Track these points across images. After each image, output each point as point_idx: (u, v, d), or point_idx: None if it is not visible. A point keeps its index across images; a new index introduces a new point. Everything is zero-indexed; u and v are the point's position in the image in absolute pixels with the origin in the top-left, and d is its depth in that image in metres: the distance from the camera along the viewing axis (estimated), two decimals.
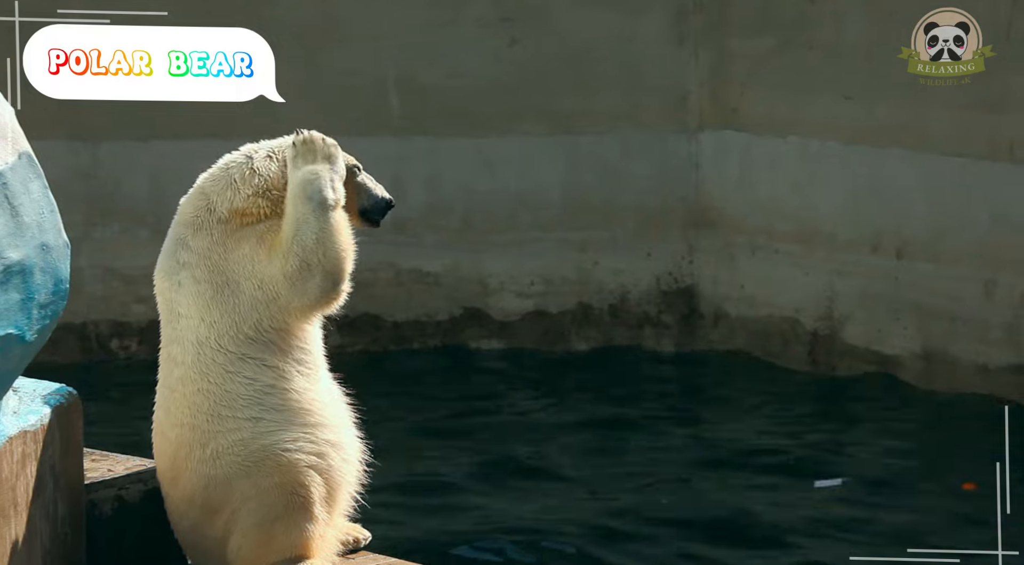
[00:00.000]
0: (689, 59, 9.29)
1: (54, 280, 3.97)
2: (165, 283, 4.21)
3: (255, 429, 4.17)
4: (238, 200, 4.18)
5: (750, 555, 6.57)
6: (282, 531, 4.17)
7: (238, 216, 4.18)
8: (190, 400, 4.19)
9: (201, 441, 4.19)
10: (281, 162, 4.22)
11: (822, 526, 6.85)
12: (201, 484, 4.19)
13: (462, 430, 8.25)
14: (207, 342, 4.16)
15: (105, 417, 7.94)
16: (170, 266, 4.21)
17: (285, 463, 4.15)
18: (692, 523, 6.89)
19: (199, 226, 4.18)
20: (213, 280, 4.15)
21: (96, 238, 9.31)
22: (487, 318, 9.46)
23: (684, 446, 7.98)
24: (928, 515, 6.85)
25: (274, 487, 4.14)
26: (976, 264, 8.25)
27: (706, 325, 9.36)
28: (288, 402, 4.20)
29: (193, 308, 4.17)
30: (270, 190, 4.19)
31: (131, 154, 9.28)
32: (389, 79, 9.36)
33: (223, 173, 4.24)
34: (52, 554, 4.15)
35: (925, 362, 8.49)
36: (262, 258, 4.14)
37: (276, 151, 4.24)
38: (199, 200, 4.22)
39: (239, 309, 4.14)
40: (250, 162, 4.23)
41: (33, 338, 3.92)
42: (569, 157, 9.40)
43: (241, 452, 4.16)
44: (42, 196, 3.98)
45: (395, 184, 9.62)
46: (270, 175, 4.20)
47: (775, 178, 9.06)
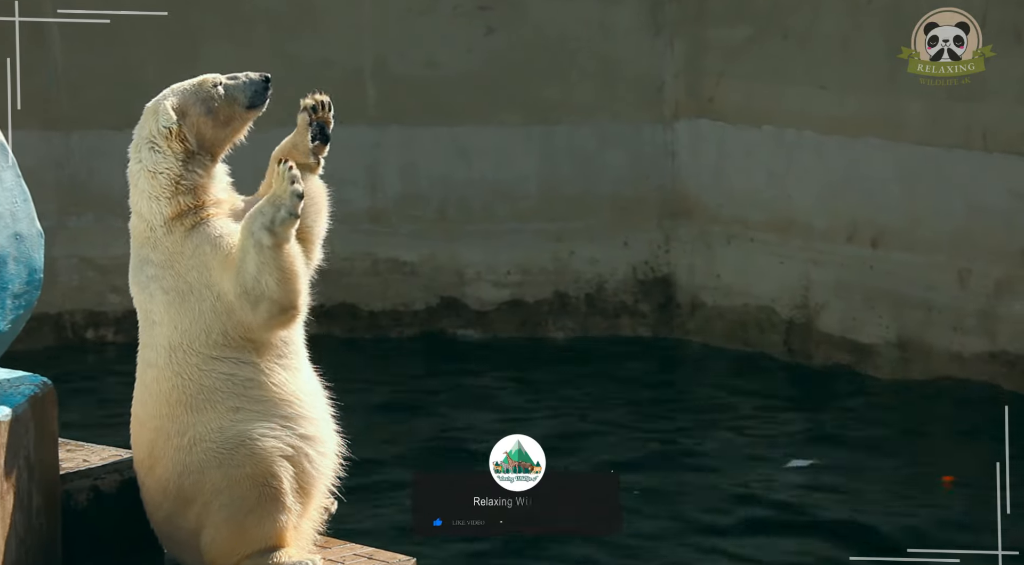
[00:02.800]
0: (665, 49, 9.29)
1: (28, 270, 3.95)
2: (140, 295, 4.25)
3: (234, 418, 4.17)
4: (165, 209, 4.19)
5: (727, 548, 6.58)
6: (254, 523, 4.17)
7: (176, 221, 4.18)
8: (167, 395, 4.20)
9: (180, 430, 4.19)
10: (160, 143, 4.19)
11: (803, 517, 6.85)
12: (176, 471, 4.19)
13: (438, 419, 8.25)
14: (180, 346, 4.18)
15: (80, 407, 7.91)
16: (141, 281, 4.24)
17: (258, 452, 4.15)
18: (664, 515, 6.90)
19: (153, 244, 4.20)
20: (179, 288, 4.17)
21: (70, 227, 9.27)
22: (464, 308, 9.46)
23: (660, 435, 8.00)
24: (914, 511, 6.86)
25: (245, 478, 4.14)
26: (951, 253, 8.29)
27: (683, 314, 9.38)
28: (268, 394, 4.20)
29: (165, 316, 4.19)
30: (179, 182, 4.18)
31: (104, 143, 9.23)
32: (365, 68, 9.34)
33: (136, 190, 4.24)
34: (27, 544, 4.13)
35: (900, 350, 8.52)
36: (217, 270, 4.14)
37: (155, 135, 4.21)
38: (139, 221, 4.25)
39: (204, 316, 4.16)
40: (143, 165, 4.21)
41: (7, 328, 3.90)
42: (545, 147, 9.40)
43: (217, 439, 4.16)
44: (15, 185, 3.96)
45: (371, 173, 9.62)
46: (167, 169, 4.19)
47: (751, 167, 9.08)
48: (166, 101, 4.20)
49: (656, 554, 6.51)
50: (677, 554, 6.55)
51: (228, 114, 4.24)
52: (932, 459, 7.48)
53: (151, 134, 4.21)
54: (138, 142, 4.25)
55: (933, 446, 7.71)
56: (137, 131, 4.26)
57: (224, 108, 4.23)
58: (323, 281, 4.55)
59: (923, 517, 6.73)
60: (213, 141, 4.24)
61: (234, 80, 4.28)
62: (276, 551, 4.21)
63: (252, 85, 4.27)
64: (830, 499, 7.01)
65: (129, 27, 9.04)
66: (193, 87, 4.24)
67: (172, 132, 4.17)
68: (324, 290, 4.41)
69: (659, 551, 6.55)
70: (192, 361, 4.17)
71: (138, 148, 4.24)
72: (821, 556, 6.43)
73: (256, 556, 4.19)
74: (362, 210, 9.36)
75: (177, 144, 4.18)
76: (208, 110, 4.21)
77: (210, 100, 4.22)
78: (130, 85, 9.19)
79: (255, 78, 4.28)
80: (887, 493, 7.06)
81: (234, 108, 4.25)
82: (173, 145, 4.18)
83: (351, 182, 9.27)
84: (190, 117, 4.21)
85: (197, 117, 4.21)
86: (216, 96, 4.23)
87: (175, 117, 4.17)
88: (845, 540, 6.53)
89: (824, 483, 7.21)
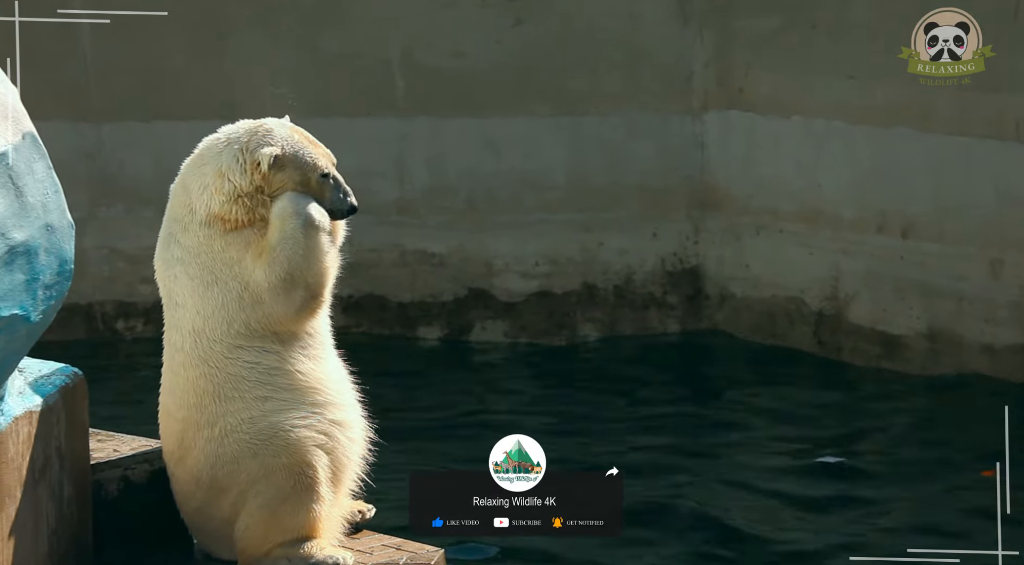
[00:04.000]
0: (694, 39, 9.26)
1: (59, 261, 3.97)
2: (164, 272, 4.27)
3: (264, 407, 4.19)
4: (214, 205, 4.20)
5: (744, 545, 6.56)
6: (289, 512, 4.19)
7: (218, 220, 4.20)
8: (194, 383, 4.21)
9: (209, 421, 4.21)
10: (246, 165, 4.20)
11: (821, 515, 6.83)
12: (208, 463, 4.21)
13: (466, 411, 8.26)
14: (203, 332, 4.20)
15: (111, 397, 7.96)
16: (166, 258, 4.26)
17: (293, 442, 4.17)
18: (687, 510, 6.88)
19: (185, 226, 4.22)
20: (203, 278, 4.19)
21: (101, 219, 9.31)
22: (492, 299, 9.46)
23: (687, 427, 7.98)
24: (930, 506, 6.83)
25: (281, 468, 4.17)
26: (982, 243, 8.24)
27: (711, 305, 9.35)
28: (295, 382, 4.22)
29: (189, 299, 4.21)
30: (241, 197, 4.20)
31: (135, 135, 9.27)
32: (393, 60, 9.35)
33: (199, 170, 4.24)
34: (58, 534, 4.16)
35: (931, 342, 8.48)
36: (248, 263, 4.16)
37: (243, 152, 4.21)
38: (183, 196, 4.25)
39: (228, 307, 4.18)
40: (220, 160, 4.22)
41: (38, 319, 3.92)
42: (573, 138, 9.38)
43: (249, 430, 4.18)
44: (46, 177, 3.98)
45: (399, 165, 9.63)
46: (238, 183, 4.20)
47: (780, 158, 9.04)
48: (276, 147, 4.19)
49: (663, 550, 6.50)
50: (682, 549, 6.54)
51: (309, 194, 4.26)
52: (957, 453, 7.44)
53: (244, 150, 4.20)
54: (230, 139, 4.23)
55: (961, 439, 7.67)
56: (242, 129, 4.25)
57: (311, 191, 4.25)
58: (351, 273, 4.56)
59: (923, 517, 6.70)
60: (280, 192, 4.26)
61: (336, 186, 4.27)
62: (308, 541, 4.23)
63: (342, 203, 4.29)
64: (843, 496, 6.97)
65: (159, 19, 9.06)
66: (307, 158, 4.24)
67: (259, 170, 4.18)
68: (352, 282, 4.43)
69: (666, 547, 6.54)
70: (216, 349, 4.19)
71: (228, 142, 4.23)
72: (821, 556, 6.40)
73: (288, 545, 4.21)
74: (390, 201, 9.37)
75: (257, 177, 4.19)
76: (300, 181, 4.24)
77: (307, 181, 4.24)
78: (160, 77, 9.23)
79: (349, 202, 4.29)
80: (902, 490, 7.02)
81: (318, 202, 4.26)
82: (253, 176, 4.19)
83: (379, 174, 9.28)
84: (281, 174, 4.22)
85: (286, 180, 4.23)
86: (314, 181, 4.24)
87: (268, 165, 4.18)
88: (845, 540, 6.50)
89: (844, 479, 7.17)
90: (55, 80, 9.15)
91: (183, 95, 9.22)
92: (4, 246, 3.81)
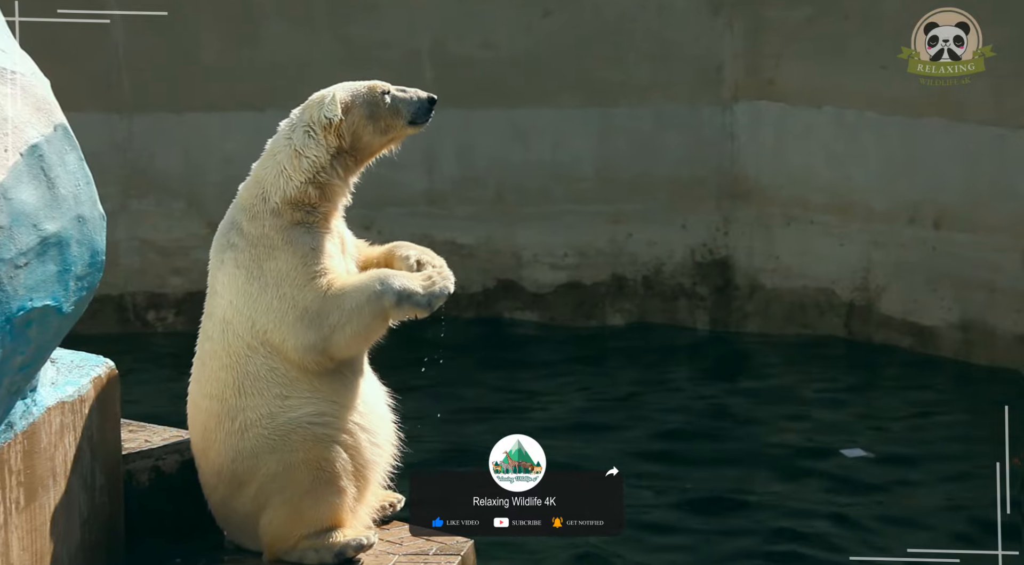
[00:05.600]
0: (724, 30, 9.22)
1: (90, 252, 3.98)
2: (213, 258, 4.28)
3: (284, 404, 4.19)
4: (291, 189, 4.22)
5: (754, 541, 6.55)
6: (310, 506, 4.20)
7: (290, 207, 4.20)
8: (216, 374, 4.23)
9: (230, 414, 4.22)
10: (318, 130, 4.23)
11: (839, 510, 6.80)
12: (229, 457, 4.22)
13: (495, 402, 8.26)
14: (231, 323, 4.21)
15: (143, 388, 7.99)
16: (221, 244, 4.27)
17: (311, 437, 4.17)
18: (704, 502, 6.86)
19: (254, 214, 4.22)
20: (250, 268, 4.19)
21: (132, 210, 9.35)
22: (521, 290, 9.45)
23: (716, 419, 7.96)
24: (930, 506, 6.80)
25: (300, 463, 4.17)
26: (1014, 234, 8.18)
27: (741, 297, 9.32)
28: (315, 385, 4.21)
29: (226, 289, 4.21)
30: (319, 173, 4.22)
31: (166, 127, 9.30)
32: (422, 50, 9.34)
33: (272, 160, 4.26)
34: (90, 523, 4.18)
35: (963, 333, 8.43)
36: (298, 280, 4.15)
37: (311, 124, 4.24)
38: (255, 187, 4.27)
39: (257, 307, 4.18)
40: (291, 143, 4.24)
41: (70, 310, 3.94)
42: (603, 129, 9.36)
43: (268, 426, 4.19)
44: (78, 168, 3.99)
45: (428, 156, 9.63)
46: (315, 156, 4.22)
47: (810, 149, 9.00)
48: (336, 94, 4.22)
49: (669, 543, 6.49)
50: (690, 540, 6.53)
51: (388, 124, 4.30)
52: (987, 447, 7.39)
53: (311, 120, 4.24)
54: (295, 123, 4.27)
55: (984, 433, 7.62)
56: (298, 113, 4.29)
57: (386, 117, 4.28)
58: None
59: (924, 517, 6.66)
60: (365, 146, 4.29)
61: (403, 93, 4.33)
62: (333, 531, 4.24)
63: (418, 102, 4.34)
64: (849, 493, 6.95)
65: (190, 10, 9.09)
66: (363, 89, 4.27)
67: (332, 125, 4.21)
68: None
69: (677, 536, 6.53)
70: (238, 344, 4.20)
71: (293, 128, 4.26)
72: (822, 554, 6.38)
73: (313, 537, 4.22)
74: (419, 193, 9.37)
75: (333, 138, 4.22)
76: (371, 115, 4.26)
77: (375, 106, 4.26)
78: (191, 69, 9.26)
79: (423, 97, 4.35)
80: (909, 487, 6.99)
81: (395, 120, 4.31)
82: (329, 137, 4.22)
83: (408, 165, 9.26)
84: (352, 116, 4.25)
85: (359, 118, 4.25)
86: (382, 103, 4.27)
87: (340, 112, 4.20)
88: (847, 538, 6.47)
89: (867, 473, 7.14)
90: (87, 72, 9.20)
91: (214, 87, 9.25)
92: (36, 237, 3.83)
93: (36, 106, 3.94)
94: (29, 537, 3.92)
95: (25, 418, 3.92)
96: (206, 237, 9.79)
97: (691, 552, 6.44)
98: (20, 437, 3.89)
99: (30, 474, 3.91)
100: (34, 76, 4.00)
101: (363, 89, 4.27)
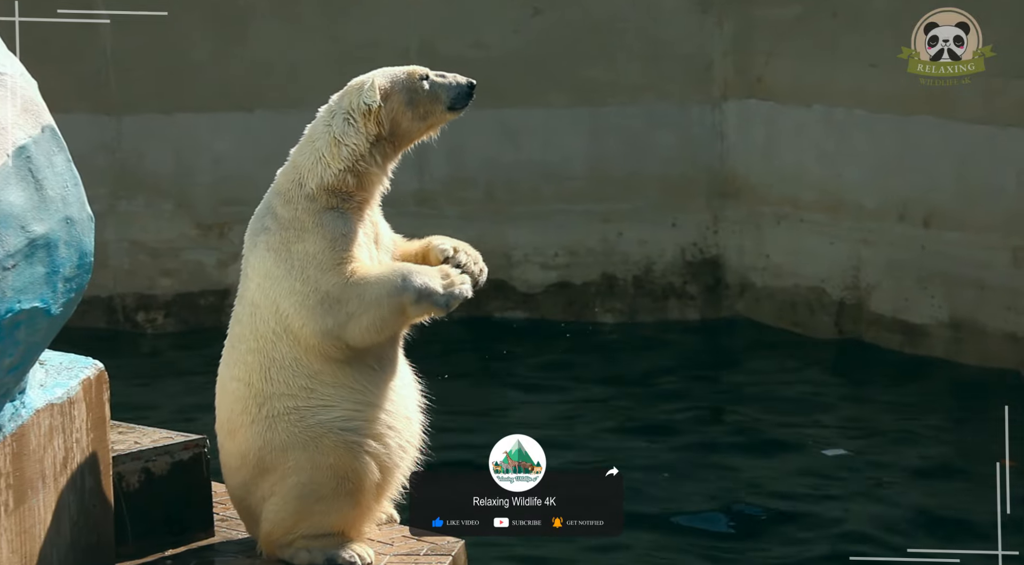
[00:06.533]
0: (713, 28, 9.22)
1: (79, 253, 3.97)
2: (247, 242, 4.28)
3: (309, 400, 4.17)
4: (328, 176, 4.21)
5: (746, 542, 6.55)
6: (322, 511, 4.18)
7: (325, 193, 4.19)
8: (244, 357, 4.22)
9: (256, 400, 4.20)
10: (358, 117, 4.21)
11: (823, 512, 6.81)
12: (257, 445, 4.20)
13: (485, 401, 8.26)
14: (259, 306, 4.19)
15: (132, 390, 7.98)
16: (255, 228, 4.27)
17: (341, 444, 4.14)
18: (694, 502, 6.87)
19: (289, 198, 4.21)
20: (279, 252, 4.18)
21: (121, 211, 9.33)
22: (511, 290, 9.45)
23: (707, 418, 7.97)
24: (930, 506, 6.80)
25: (328, 467, 4.15)
26: (1004, 232, 8.20)
27: (731, 295, 9.33)
28: (340, 379, 4.19)
29: (256, 272, 4.21)
30: (358, 161, 4.21)
31: (155, 127, 9.28)
32: (411, 49, 9.33)
33: (310, 146, 4.25)
34: (80, 526, 4.17)
35: (953, 331, 8.44)
36: (324, 264, 4.13)
37: (351, 111, 4.22)
38: (292, 173, 4.25)
39: (282, 290, 4.16)
40: (330, 130, 4.22)
41: (59, 311, 3.93)
42: (593, 128, 9.36)
43: (299, 423, 4.17)
44: (66, 170, 3.98)
45: (418, 155, 9.61)
46: (354, 144, 4.20)
47: (800, 147, 9.00)
48: (375, 80, 4.21)
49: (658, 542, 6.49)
50: (681, 540, 6.53)
51: (427, 110, 4.28)
52: (977, 447, 7.40)
53: (351, 106, 4.22)
54: (334, 110, 4.25)
55: (975, 432, 7.63)
56: (337, 100, 4.27)
57: (425, 103, 4.27)
58: None
59: (923, 517, 6.67)
60: (404, 133, 4.28)
61: (442, 78, 4.33)
62: (333, 536, 4.22)
63: (457, 88, 4.34)
64: (848, 492, 6.95)
65: (180, 10, 9.07)
66: (402, 75, 4.25)
67: (372, 111, 4.20)
68: None
69: (662, 536, 6.52)
70: (266, 327, 4.18)
71: (332, 115, 4.24)
72: (821, 554, 6.38)
73: (312, 537, 4.21)
74: (409, 192, 9.36)
75: (372, 124, 4.21)
76: (410, 101, 4.25)
77: (414, 92, 4.25)
78: (180, 69, 9.24)
79: (462, 82, 4.35)
80: (908, 486, 6.99)
81: (435, 105, 4.30)
82: (368, 124, 4.21)
83: (398, 165, 9.26)
84: (391, 102, 4.23)
85: (398, 104, 4.24)
86: (420, 89, 4.26)
87: (379, 98, 4.18)
88: (846, 538, 6.48)
89: (853, 473, 7.14)
90: (76, 72, 9.17)
91: (203, 87, 9.23)
92: (24, 239, 3.82)
93: (24, 107, 3.93)
94: (19, 539, 3.91)
95: (14, 420, 3.91)
96: (196, 238, 9.80)
97: (680, 552, 6.44)
98: (9, 439, 3.88)
99: (19, 476, 3.90)
100: (22, 77, 3.99)
101: (402, 75, 4.26)
